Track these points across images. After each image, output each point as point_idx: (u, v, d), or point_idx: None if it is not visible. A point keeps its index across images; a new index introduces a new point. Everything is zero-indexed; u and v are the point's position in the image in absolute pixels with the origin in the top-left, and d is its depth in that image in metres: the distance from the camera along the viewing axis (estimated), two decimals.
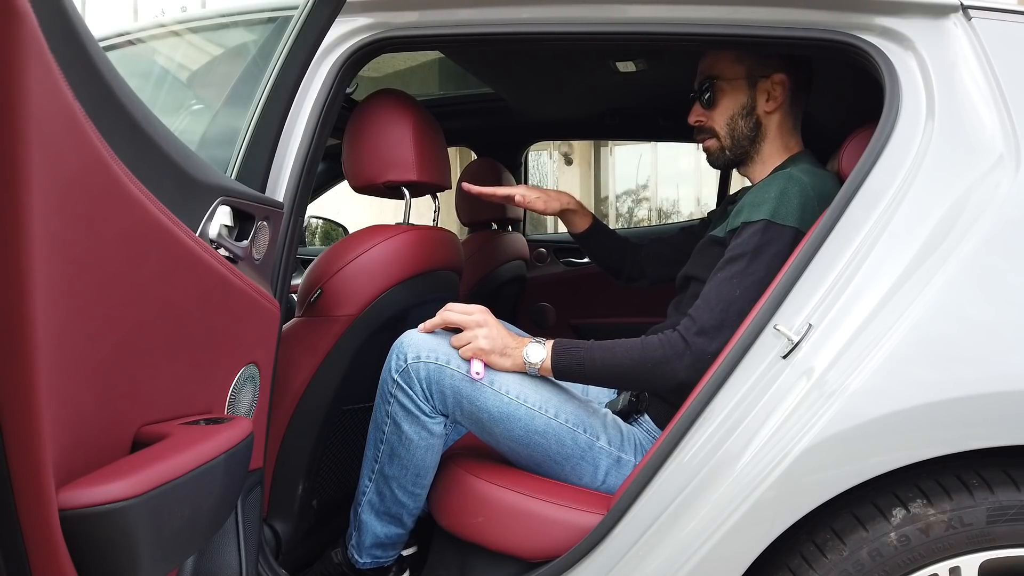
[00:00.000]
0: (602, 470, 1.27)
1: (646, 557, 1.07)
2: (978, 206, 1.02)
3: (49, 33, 0.56)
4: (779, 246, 1.20)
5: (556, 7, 1.24)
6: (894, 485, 1.02)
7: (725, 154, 1.44)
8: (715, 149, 1.44)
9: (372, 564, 1.36)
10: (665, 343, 1.21)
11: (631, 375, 1.23)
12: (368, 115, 1.41)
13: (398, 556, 1.39)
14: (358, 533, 1.35)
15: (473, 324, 1.26)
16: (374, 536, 1.33)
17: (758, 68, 1.38)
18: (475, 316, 1.27)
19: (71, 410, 0.66)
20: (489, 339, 1.25)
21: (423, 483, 1.30)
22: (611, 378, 1.26)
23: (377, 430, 1.29)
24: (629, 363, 1.22)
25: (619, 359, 1.23)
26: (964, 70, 1.09)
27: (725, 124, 1.41)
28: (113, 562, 0.69)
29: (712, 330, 1.18)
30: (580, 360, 1.24)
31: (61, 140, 0.59)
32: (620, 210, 9.85)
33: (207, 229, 0.90)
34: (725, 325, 1.18)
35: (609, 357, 1.23)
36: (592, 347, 1.25)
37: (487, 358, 1.24)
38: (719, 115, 1.41)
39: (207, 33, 1.49)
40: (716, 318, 1.19)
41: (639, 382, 1.26)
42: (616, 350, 1.23)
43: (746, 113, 1.40)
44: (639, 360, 1.21)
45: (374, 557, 1.35)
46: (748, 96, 1.39)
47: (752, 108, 1.39)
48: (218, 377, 0.96)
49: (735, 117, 1.40)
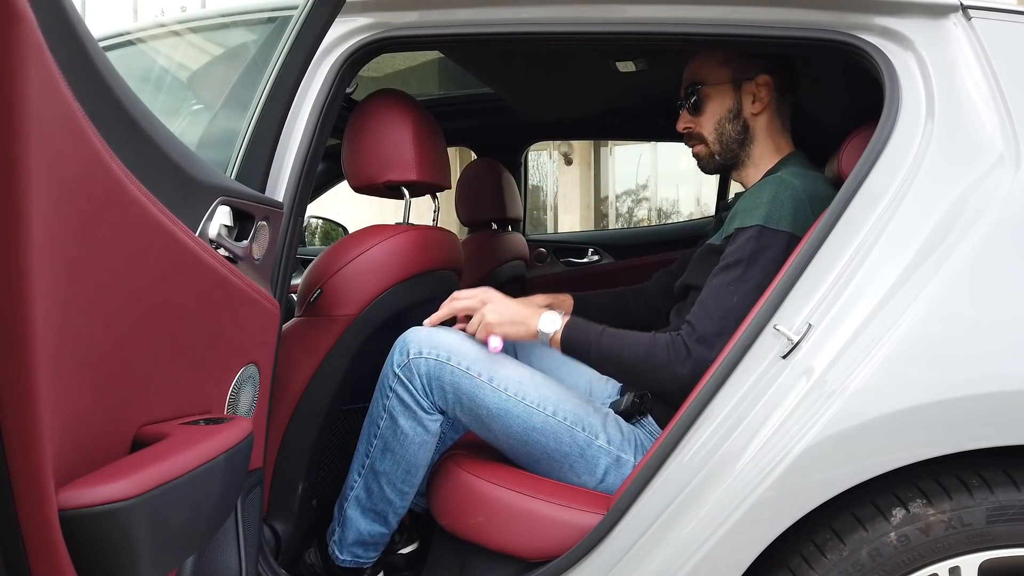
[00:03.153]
0: (600, 469, 1.27)
1: (646, 557, 1.07)
2: (978, 206, 1.02)
3: (49, 33, 0.56)
4: (774, 251, 1.21)
5: (556, 7, 1.24)
6: (894, 485, 1.02)
7: (715, 159, 1.44)
8: (705, 155, 1.45)
9: (351, 562, 1.35)
10: (670, 346, 1.21)
11: (632, 370, 1.24)
12: (368, 115, 1.41)
13: (377, 561, 1.39)
14: (341, 528, 1.34)
15: (478, 303, 1.31)
16: (357, 533, 1.33)
17: (742, 71, 1.39)
18: (479, 296, 1.32)
19: (71, 410, 0.66)
20: (496, 312, 1.28)
21: (412, 482, 1.30)
22: (613, 367, 1.28)
23: (372, 424, 1.30)
24: (633, 358, 1.23)
25: (625, 351, 1.24)
26: (964, 70, 1.09)
27: (713, 129, 1.42)
28: (113, 562, 0.69)
29: (711, 338, 1.19)
30: (588, 341, 1.26)
31: (61, 140, 0.59)
32: (620, 210, 9.85)
33: (207, 229, 0.90)
34: (724, 332, 1.18)
35: (616, 347, 1.24)
36: (603, 332, 1.27)
37: (497, 330, 1.28)
38: (706, 120, 1.42)
39: (207, 33, 1.49)
40: (715, 326, 1.19)
41: (638, 378, 1.27)
42: (624, 341, 1.25)
43: (733, 116, 1.40)
44: (643, 357, 1.22)
45: (354, 555, 1.35)
46: (734, 99, 1.40)
47: (739, 111, 1.40)
48: (218, 377, 0.96)
49: (722, 121, 1.41)
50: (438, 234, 1.54)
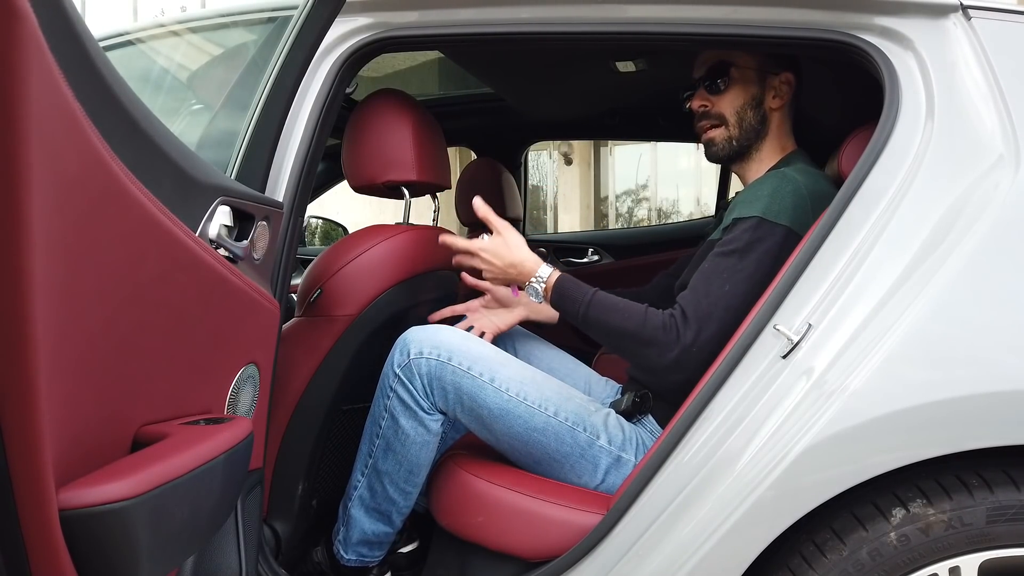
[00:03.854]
0: (602, 469, 1.27)
1: (646, 557, 1.07)
2: (978, 206, 1.02)
3: (49, 33, 0.56)
4: (770, 244, 1.20)
5: (556, 7, 1.24)
6: (894, 485, 1.02)
7: (732, 144, 1.39)
8: (721, 138, 1.39)
9: (357, 561, 1.35)
10: (662, 327, 1.21)
11: (620, 339, 1.25)
12: (368, 115, 1.41)
13: (383, 560, 1.39)
14: (346, 528, 1.34)
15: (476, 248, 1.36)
16: (361, 532, 1.33)
17: (769, 64, 1.38)
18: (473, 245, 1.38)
19: (71, 410, 0.66)
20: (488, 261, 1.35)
21: (415, 481, 1.30)
22: (600, 331, 1.28)
23: (374, 424, 1.30)
24: (621, 331, 1.24)
25: (616, 320, 1.24)
26: (964, 70, 1.09)
27: (735, 112, 1.38)
28: (113, 562, 0.69)
29: (697, 321, 1.19)
30: (582, 296, 1.28)
31: (61, 140, 0.59)
32: (620, 210, 9.85)
33: (207, 229, 0.90)
34: (712, 318, 1.18)
35: (609, 311, 1.26)
36: (597, 292, 1.28)
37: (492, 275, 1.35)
38: (728, 102, 1.38)
39: (207, 33, 1.49)
40: (704, 310, 1.19)
41: (624, 349, 1.27)
42: (619, 308, 1.25)
43: (755, 104, 1.38)
44: (634, 331, 1.22)
45: (359, 554, 1.35)
46: (759, 88, 1.38)
47: (760, 101, 1.38)
48: (218, 377, 0.96)
49: (744, 107, 1.38)
50: (438, 234, 1.54)
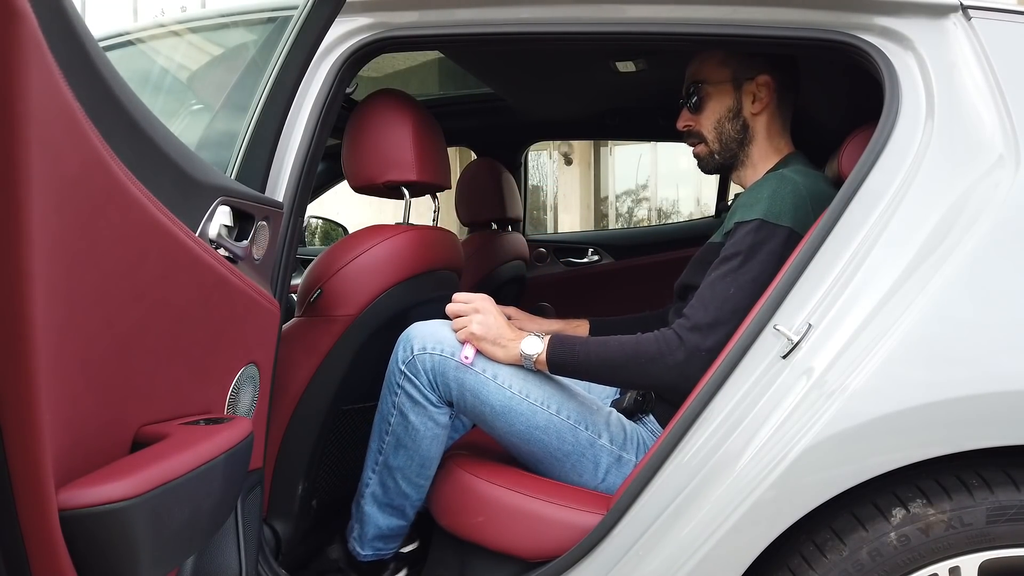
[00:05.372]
0: (602, 468, 1.27)
1: (646, 557, 1.07)
2: (978, 206, 1.02)
3: (49, 33, 0.56)
4: (773, 245, 1.21)
5: (556, 7, 1.24)
6: (894, 485, 1.02)
7: (714, 158, 1.44)
8: (704, 154, 1.45)
9: (373, 556, 1.37)
10: (660, 339, 1.21)
11: (624, 370, 1.23)
12: (368, 115, 1.41)
13: (397, 551, 1.40)
14: (360, 525, 1.35)
15: (470, 310, 1.29)
16: (376, 528, 1.34)
17: (742, 70, 1.39)
18: (474, 303, 1.30)
19: (71, 410, 0.66)
20: (483, 326, 1.26)
21: (427, 474, 1.31)
22: (605, 372, 1.26)
23: (383, 421, 1.30)
24: (622, 358, 1.22)
25: (612, 353, 1.23)
26: (964, 70, 1.09)
27: (713, 128, 1.42)
28: (113, 562, 0.69)
29: (706, 327, 1.18)
30: (575, 352, 1.24)
31: (61, 140, 0.59)
32: (620, 210, 9.85)
33: (207, 229, 0.90)
34: (719, 322, 1.18)
35: (603, 351, 1.23)
36: (588, 341, 1.26)
37: (479, 344, 1.26)
38: (706, 119, 1.42)
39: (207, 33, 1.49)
40: (710, 315, 1.19)
41: (632, 377, 1.26)
42: (610, 344, 1.24)
43: (732, 116, 1.40)
44: (632, 355, 1.22)
45: (376, 549, 1.36)
46: (734, 99, 1.40)
47: (738, 111, 1.40)
48: (218, 377, 0.96)
49: (722, 120, 1.41)
50: (438, 234, 1.54)
